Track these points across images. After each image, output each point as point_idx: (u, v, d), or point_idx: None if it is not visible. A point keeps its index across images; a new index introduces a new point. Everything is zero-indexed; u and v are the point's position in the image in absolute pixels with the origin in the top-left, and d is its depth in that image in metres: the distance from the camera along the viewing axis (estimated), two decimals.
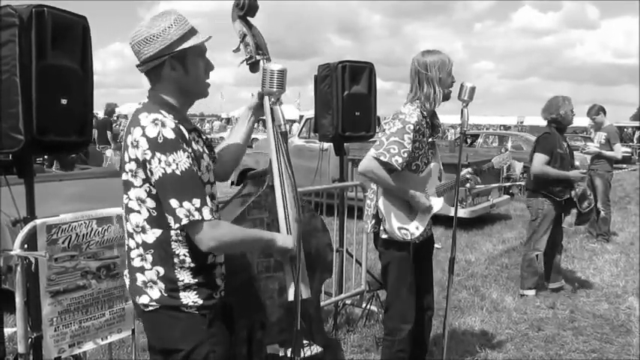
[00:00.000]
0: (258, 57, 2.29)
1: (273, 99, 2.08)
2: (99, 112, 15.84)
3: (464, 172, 3.42)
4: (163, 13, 1.97)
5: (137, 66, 2.02)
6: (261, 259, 2.24)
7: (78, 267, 2.77)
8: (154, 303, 1.98)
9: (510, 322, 4.91)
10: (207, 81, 2.08)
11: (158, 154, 1.84)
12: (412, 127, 3.03)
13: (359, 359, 4.12)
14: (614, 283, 6.17)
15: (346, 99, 4.48)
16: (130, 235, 2.01)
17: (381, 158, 3.02)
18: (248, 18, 2.34)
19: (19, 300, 2.58)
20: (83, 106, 2.81)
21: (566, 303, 5.48)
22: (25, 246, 2.58)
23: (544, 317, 5.08)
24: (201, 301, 1.99)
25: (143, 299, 2.00)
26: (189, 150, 1.90)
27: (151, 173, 1.86)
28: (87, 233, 2.80)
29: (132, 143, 1.89)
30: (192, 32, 1.98)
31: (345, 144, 4.85)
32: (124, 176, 1.95)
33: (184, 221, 1.84)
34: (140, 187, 1.91)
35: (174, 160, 1.84)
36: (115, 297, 2.94)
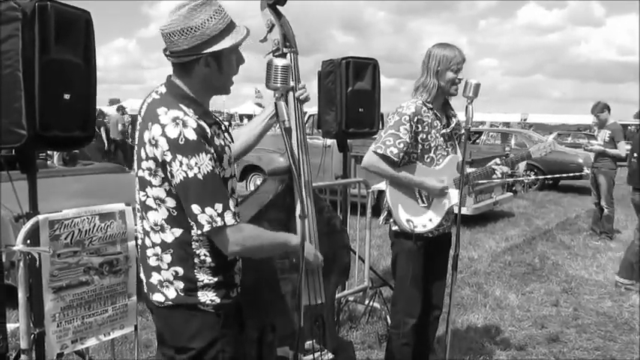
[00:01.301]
0: (285, 49, 2.21)
1: (277, 94, 2.05)
2: (102, 107, 15.98)
3: (491, 162, 3.37)
4: (203, 3, 1.85)
5: (165, 53, 1.91)
6: (276, 260, 2.19)
7: (80, 263, 2.76)
8: (170, 303, 1.95)
9: (513, 320, 4.90)
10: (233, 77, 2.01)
11: (179, 157, 1.77)
12: (408, 118, 3.06)
13: (362, 356, 4.11)
14: None
15: (350, 95, 4.46)
16: (147, 233, 1.96)
17: (378, 151, 3.07)
18: (278, 7, 2.26)
19: (21, 296, 2.57)
20: (86, 101, 2.80)
21: (570, 300, 5.48)
22: (28, 241, 2.58)
23: (547, 315, 5.06)
24: (219, 300, 1.96)
25: (157, 297, 1.97)
26: (212, 150, 1.83)
27: (172, 176, 1.80)
28: (90, 229, 2.79)
29: (150, 141, 1.81)
30: (230, 27, 1.89)
31: (348, 140, 4.84)
32: (140, 173, 1.88)
33: (206, 228, 1.81)
34: (159, 186, 1.86)
35: (196, 163, 1.77)
36: (118, 293, 2.93)
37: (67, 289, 2.71)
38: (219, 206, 1.81)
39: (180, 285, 1.94)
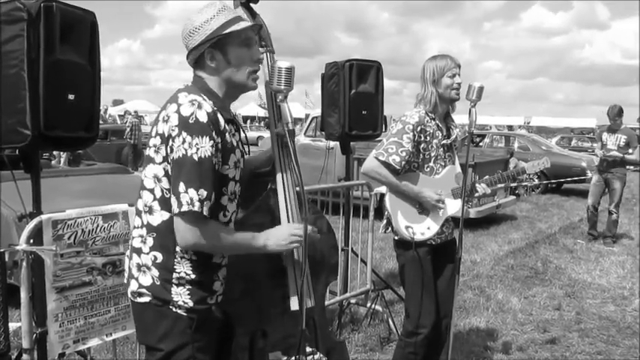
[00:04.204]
0: (261, 49, 2.19)
1: (280, 97, 2.05)
2: (107, 105, 15.98)
3: (483, 178, 3.35)
4: (208, 5, 1.94)
5: (187, 59, 2.00)
6: (265, 266, 2.17)
7: (84, 263, 2.77)
8: (144, 290, 1.93)
9: (516, 323, 4.89)
10: (255, 73, 2.01)
11: (184, 134, 1.80)
12: (411, 127, 3.07)
13: (364, 358, 4.10)
14: (620, 285, 6.15)
15: (353, 97, 4.47)
16: (139, 214, 1.97)
17: (380, 157, 3.07)
18: (251, 5, 2.26)
19: (24, 295, 2.58)
20: (90, 102, 2.80)
21: (572, 304, 5.46)
22: (31, 241, 2.58)
23: (550, 319, 5.05)
24: (191, 304, 1.94)
25: (132, 286, 1.96)
26: (218, 140, 1.86)
27: (172, 150, 1.82)
28: (93, 229, 2.80)
29: (163, 118, 1.86)
30: (234, 20, 1.93)
31: (351, 143, 4.84)
32: (147, 151, 1.92)
33: (184, 208, 1.79)
34: (160, 164, 1.87)
35: (196, 144, 1.80)
36: (121, 294, 2.94)
37: (70, 289, 2.72)
38: (202, 192, 1.81)
39: (157, 273, 1.92)
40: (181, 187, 1.80)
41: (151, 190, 1.91)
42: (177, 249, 1.92)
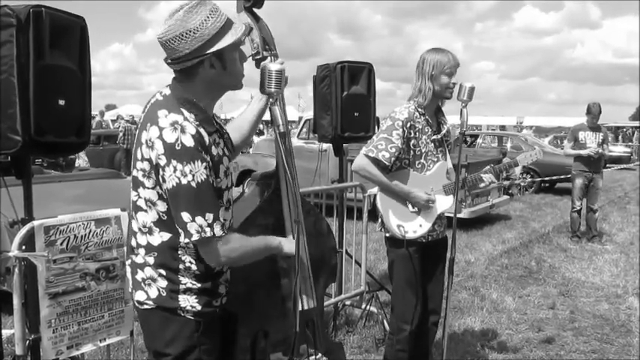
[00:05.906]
0: (265, 53, 2.19)
1: (272, 99, 2.05)
2: (103, 109, 15.96)
3: (481, 171, 3.36)
4: (198, 4, 1.83)
5: (168, 62, 1.89)
6: (267, 267, 2.17)
7: (77, 268, 2.76)
8: (150, 302, 1.94)
9: (510, 323, 4.90)
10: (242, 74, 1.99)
11: (174, 162, 1.75)
12: (401, 124, 3.07)
13: None
14: (614, 283, 6.17)
15: (345, 99, 4.47)
16: (134, 234, 1.95)
17: (370, 154, 3.07)
18: (255, 9, 2.24)
19: (16, 302, 2.57)
20: (81, 107, 2.79)
21: (567, 303, 5.48)
22: (23, 247, 2.57)
23: (544, 318, 5.07)
24: (199, 307, 1.94)
25: (139, 296, 1.96)
26: (208, 158, 1.81)
27: (163, 180, 1.78)
28: (85, 234, 2.78)
29: (147, 142, 1.80)
30: (228, 25, 1.87)
31: (344, 145, 4.84)
32: (134, 172, 1.88)
33: (195, 237, 1.78)
34: (152, 188, 1.84)
35: (190, 170, 1.75)
36: (115, 299, 2.93)
37: (64, 295, 2.70)
38: (209, 216, 1.79)
39: (163, 284, 1.92)
40: (185, 216, 1.78)
41: (146, 212, 1.89)
42: (180, 266, 1.92)
